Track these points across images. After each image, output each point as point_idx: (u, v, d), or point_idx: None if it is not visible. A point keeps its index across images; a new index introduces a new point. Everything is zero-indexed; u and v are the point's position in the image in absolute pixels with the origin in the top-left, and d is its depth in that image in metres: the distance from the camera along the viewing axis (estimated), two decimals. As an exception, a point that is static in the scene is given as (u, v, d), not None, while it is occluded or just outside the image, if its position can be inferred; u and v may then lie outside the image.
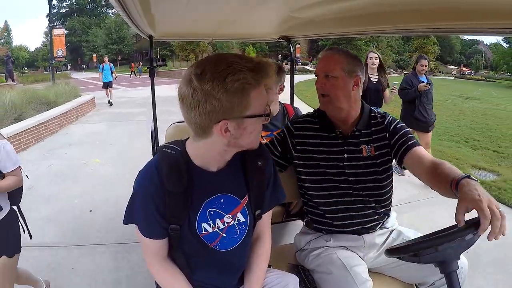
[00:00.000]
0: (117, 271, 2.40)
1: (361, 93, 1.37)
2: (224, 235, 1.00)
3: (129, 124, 7.61)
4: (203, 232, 0.98)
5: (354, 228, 1.37)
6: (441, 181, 1.05)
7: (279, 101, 2.12)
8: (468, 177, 0.95)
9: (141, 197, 0.95)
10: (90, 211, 3.31)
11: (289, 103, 2.36)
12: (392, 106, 6.03)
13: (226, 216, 0.99)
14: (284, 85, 2.03)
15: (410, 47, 36.61)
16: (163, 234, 0.97)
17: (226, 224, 0.99)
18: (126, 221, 0.98)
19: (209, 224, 0.98)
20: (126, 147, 5.60)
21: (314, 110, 1.47)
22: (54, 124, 6.85)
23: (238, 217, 1.01)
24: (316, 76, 1.36)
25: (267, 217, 1.12)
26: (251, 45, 24.74)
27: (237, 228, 1.01)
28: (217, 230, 0.99)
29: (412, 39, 30.93)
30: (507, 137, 7.71)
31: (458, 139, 7.09)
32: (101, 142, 6.08)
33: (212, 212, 0.98)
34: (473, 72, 56.82)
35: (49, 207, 3.42)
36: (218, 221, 0.99)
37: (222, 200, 0.98)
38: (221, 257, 1.02)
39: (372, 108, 1.43)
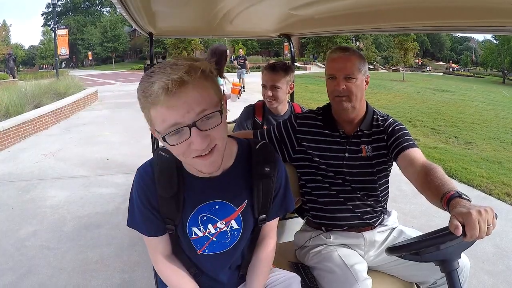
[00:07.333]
0: (127, 184, 3.82)
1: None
2: (215, 239, 0.98)
3: (130, 110, 8.96)
4: (193, 235, 0.97)
5: (353, 225, 1.36)
6: (432, 192, 1.01)
7: (288, 101, 2.08)
8: (460, 196, 0.92)
9: (137, 196, 0.94)
10: (107, 159, 4.75)
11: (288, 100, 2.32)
12: None
13: (220, 222, 0.97)
14: (293, 84, 2.00)
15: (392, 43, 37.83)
16: (162, 230, 0.97)
17: (218, 230, 0.97)
18: (130, 223, 0.98)
19: (199, 229, 0.96)
20: (129, 124, 7.00)
21: (317, 108, 1.46)
22: (67, 111, 8.22)
23: (231, 224, 0.98)
24: (330, 77, 1.31)
25: (273, 222, 1.09)
26: (240, 42, 25.88)
27: (229, 234, 0.99)
28: (208, 234, 0.97)
29: (393, 36, 32.21)
30: (451, 119, 9.17)
31: (403, 119, 8.53)
32: (109, 122, 7.51)
33: (205, 218, 0.96)
34: (462, 68, 58.34)
35: (78, 158, 4.85)
36: (210, 226, 0.96)
37: (217, 207, 0.95)
38: (211, 259, 1.01)
39: (376, 110, 1.42)
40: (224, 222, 0.97)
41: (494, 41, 39.16)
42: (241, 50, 14.67)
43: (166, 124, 0.77)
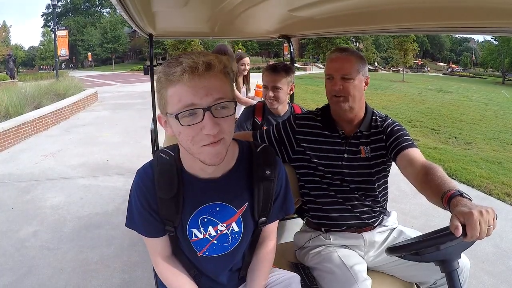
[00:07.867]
0: (127, 185, 3.82)
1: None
2: (215, 241, 0.98)
3: (130, 111, 9.02)
4: (193, 238, 0.97)
5: (352, 225, 1.36)
6: (432, 191, 1.01)
7: (288, 101, 2.08)
8: (461, 194, 0.92)
9: (136, 197, 0.94)
10: (107, 160, 4.75)
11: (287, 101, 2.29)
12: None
13: (220, 224, 0.96)
14: (294, 85, 2.01)
15: (391, 44, 37.90)
16: (161, 231, 0.97)
17: (218, 232, 0.97)
18: (128, 224, 0.98)
19: (199, 231, 0.96)
20: (129, 125, 7.02)
21: (316, 109, 1.46)
22: (67, 111, 8.21)
23: (232, 227, 0.98)
24: (328, 77, 1.33)
25: (273, 224, 1.09)
26: (240, 43, 25.89)
27: (230, 237, 0.99)
28: (208, 236, 0.97)
29: (392, 37, 32.25)
30: (451, 120, 9.16)
31: (403, 120, 8.54)
32: (108, 122, 7.51)
33: (205, 220, 0.95)
34: (462, 69, 58.38)
35: (78, 159, 4.85)
36: (210, 228, 0.96)
37: (217, 209, 0.95)
38: (211, 262, 1.01)
39: (375, 111, 1.42)
40: (225, 225, 0.97)
41: (494, 42, 39.25)
42: (240, 51, 14.64)
43: (181, 103, 0.78)
